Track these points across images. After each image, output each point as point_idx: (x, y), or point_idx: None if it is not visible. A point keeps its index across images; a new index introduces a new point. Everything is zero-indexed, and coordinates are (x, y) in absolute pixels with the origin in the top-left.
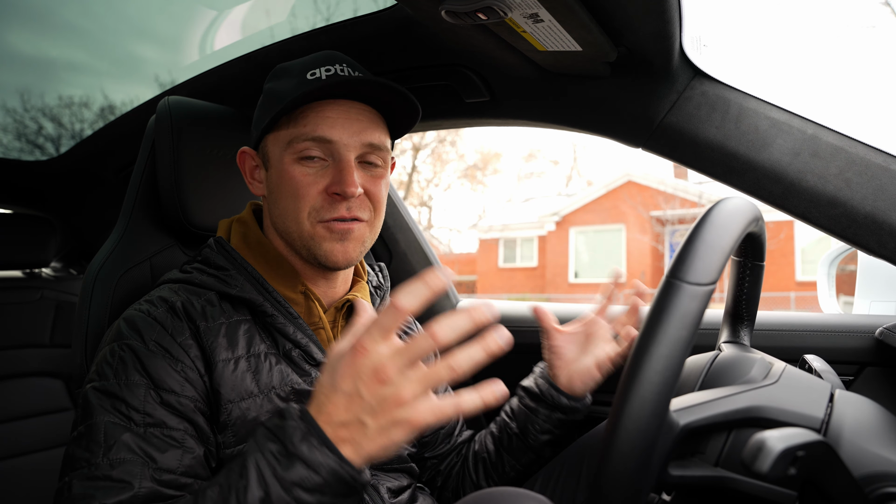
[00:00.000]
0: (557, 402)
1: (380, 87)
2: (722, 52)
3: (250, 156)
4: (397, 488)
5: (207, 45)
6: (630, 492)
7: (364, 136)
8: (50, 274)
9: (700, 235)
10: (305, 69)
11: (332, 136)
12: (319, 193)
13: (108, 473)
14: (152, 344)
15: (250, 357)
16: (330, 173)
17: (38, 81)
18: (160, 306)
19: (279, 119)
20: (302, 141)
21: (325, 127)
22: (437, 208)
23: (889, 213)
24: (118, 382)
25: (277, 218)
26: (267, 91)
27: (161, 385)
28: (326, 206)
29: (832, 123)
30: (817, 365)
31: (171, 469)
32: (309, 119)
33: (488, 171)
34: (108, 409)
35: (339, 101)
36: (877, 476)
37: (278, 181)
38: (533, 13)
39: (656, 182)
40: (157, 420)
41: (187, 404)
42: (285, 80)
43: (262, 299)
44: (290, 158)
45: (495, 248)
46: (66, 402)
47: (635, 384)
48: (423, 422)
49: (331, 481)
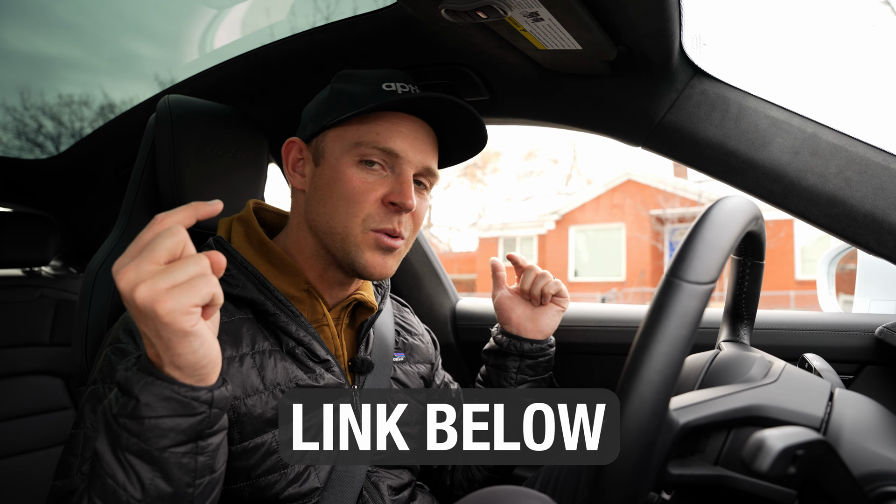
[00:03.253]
0: (521, 349)
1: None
2: (722, 50)
3: (298, 147)
4: (398, 485)
5: (207, 44)
6: (630, 491)
7: (426, 157)
8: (50, 272)
9: (700, 234)
10: (380, 80)
11: (400, 151)
12: (376, 201)
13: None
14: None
15: (255, 354)
16: (388, 183)
17: (37, 80)
18: None
19: (349, 119)
20: (370, 147)
21: (397, 139)
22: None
23: (889, 212)
24: (104, 387)
25: (320, 216)
26: (336, 90)
27: None
28: (380, 215)
29: (832, 122)
30: (817, 364)
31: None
32: (382, 127)
33: (488, 169)
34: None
35: (410, 117)
36: (877, 475)
37: (332, 179)
38: (533, 12)
39: (656, 181)
40: None
41: None
42: (358, 85)
43: (264, 298)
44: (351, 160)
45: (495, 247)
46: (65, 401)
47: (635, 383)
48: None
49: (152, 402)
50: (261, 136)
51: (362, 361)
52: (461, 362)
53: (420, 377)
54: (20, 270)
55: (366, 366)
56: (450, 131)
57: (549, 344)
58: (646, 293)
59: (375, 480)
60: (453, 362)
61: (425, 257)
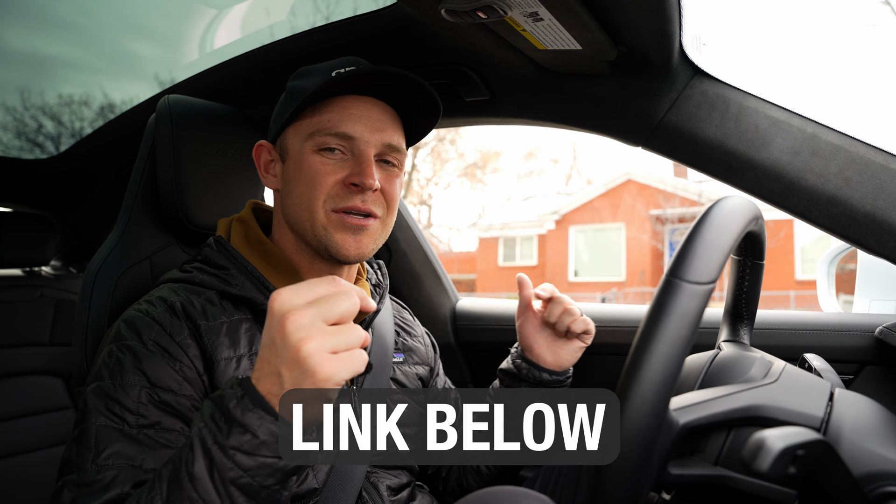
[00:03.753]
0: (539, 379)
1: (405, 79)
2: (722, 50)
3: (267, 149)
4: (397, 486)
5: (207, 44)
6: (630, 491)
7: (384, 135)
8: (49, 272)
9: (700, 234)
10: (330, 69)
11: (355, 133)
12: (336, 183)
13: (95, 478)
14: (151, 343)
15: (252, 355)
16: (349, 166)
17: (37, 80)
18: (159, 306)
19: (302, 111)
20: (324, 134)
21: (349, 123)
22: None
23: (889, 212)
24: (113, 384)
25: (291, 208)
26: (290, 88)
27: (159, 384)
28: (342, 194)
29: (832, 122)
30: (817, 364)
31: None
32: (333, 113)
33: (488, 169)
34: (103, 411)
35: (363, 98)
36: (876, 475)
37: (296, 171)
38: (533, 12)
39: (656, 181)
40: (151, 421)
41: (184, 403)
42: (309, 79)
43: (263, 298)
44: (310, 149)
45: (495, 247)
46: (65, 401)
47: (635, 383)
48: (327, 374)
49: (269, 441)
50: (261, 137)
51: None
52: (461, 362)
53: (418, 378)
54: (20, 270)
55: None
56: (410, 104)
57: (566, 377)
58: (646, 293)
59: (374, 481)
60: (453, 362)
61: (425, 257)
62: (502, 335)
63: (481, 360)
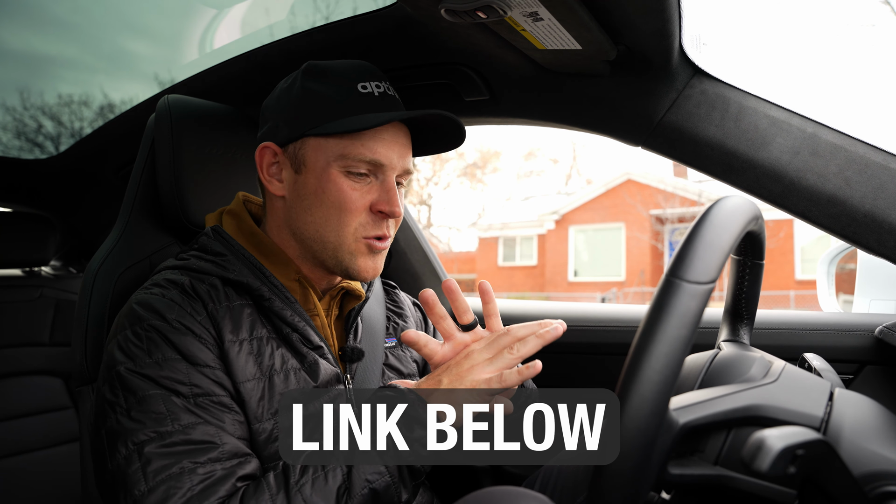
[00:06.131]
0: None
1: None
2: (721, 50)
3: (272, 152)
4: None
5: (207, 44)
6: (629, 491)
7: (405, 160)
8: (49, 272)
9: (699, 234)
10: (352, 78)
11: (385, 161)
12: (365, 210)
13: (187, 437)
14: (175, 322)
15: (252, 340)
16: (375, 191)
17: (36, 80)
18: (171, 288)
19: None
20: (357, 160)
21: (382, 149)
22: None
23: (888, 212)
24: (155, 360)
25: (308, 225)
26: (308, 90)
27: (195, 361)
28: (371, 223)
29: (832, 122)
30: (817, 363)
31: (232, 432)
32: (366, 137)
33: (488, 169)
34: (156, 383)
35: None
36: (876, 475)
37: (319, 189)
38: (532, 12)
39: (656, 181)
40: (206, 390)
41: (222, 377)
42: (330, 85)
43: (260, 283)
44: (338, 170)
45: (495, 247)
46: (65, 401)
47: (635, 383)
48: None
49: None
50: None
51: (352, 350)
52: None
53: (413, 361)
54: (20, 270)
55: (356, 354)
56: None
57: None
58: (646, 293)
59: None
60: None
61: (425, 257)
62: None
63: None
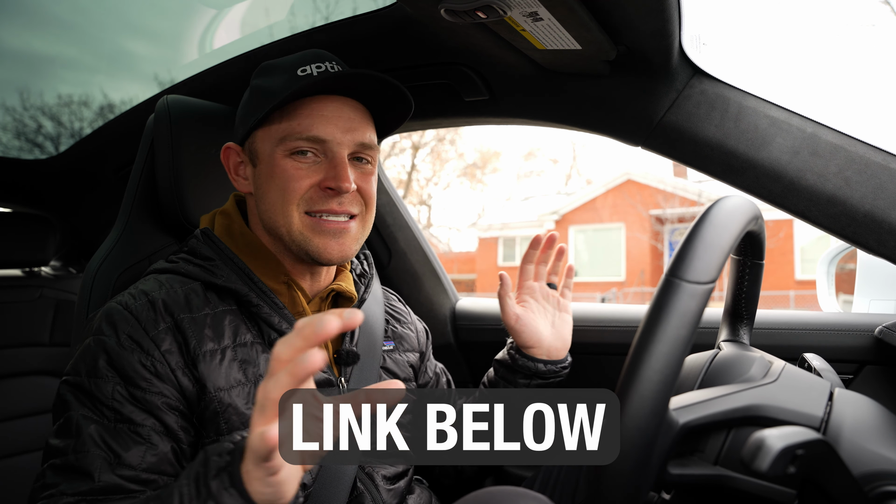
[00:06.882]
0: (535, 370)
1: (375, 80)
2: (721, 50)
3: (235, 152)
4: (392, 475)
5: (206, 44)
6: (630, 490)
7: (356, 134)
8: (49, 273)
9: (699, 234)
10: (295, 66)
11: (327, 136)
12: (311, 187)
13: (74, 464)
14: (124, 338)
15: (237, 347)
16: (323, 169)
17: (36, 80)
18: (140, 299)
19: (270, 115)
20: (295, 139)
21: (320, 125)
22: (437, 207)
23: (888, 212)
24: (88, 380)
25: (265, 213)
26: (254, 88)
27: (129, 381)
28: (317, 198)
29: (831, 122)
30: (817, 363)
31: (133, 465)
32: (303, 116)
33: (488, 169)
34: (82, 402)
35: (332, 97)
36: (876, 474)
37: (268, 176)
38: (532, 12)
39: (656, 181)
40: (124, 416)
41: (153, 401)
42: (274, 77)
43: (248, 289)
44: (282, 154)
45: (495, 247)
46: None
47: (635, 383)
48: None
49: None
50: None
51: (347, 353)
52: (461, 362)
53: (409, 366)
54: (20, 270)
55: (351, 357)
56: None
57: (562, 366)
58: (645, 293)
59: (369, 471)
60: (453, 362)
61: (425, 257)
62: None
63: (481, 360)
